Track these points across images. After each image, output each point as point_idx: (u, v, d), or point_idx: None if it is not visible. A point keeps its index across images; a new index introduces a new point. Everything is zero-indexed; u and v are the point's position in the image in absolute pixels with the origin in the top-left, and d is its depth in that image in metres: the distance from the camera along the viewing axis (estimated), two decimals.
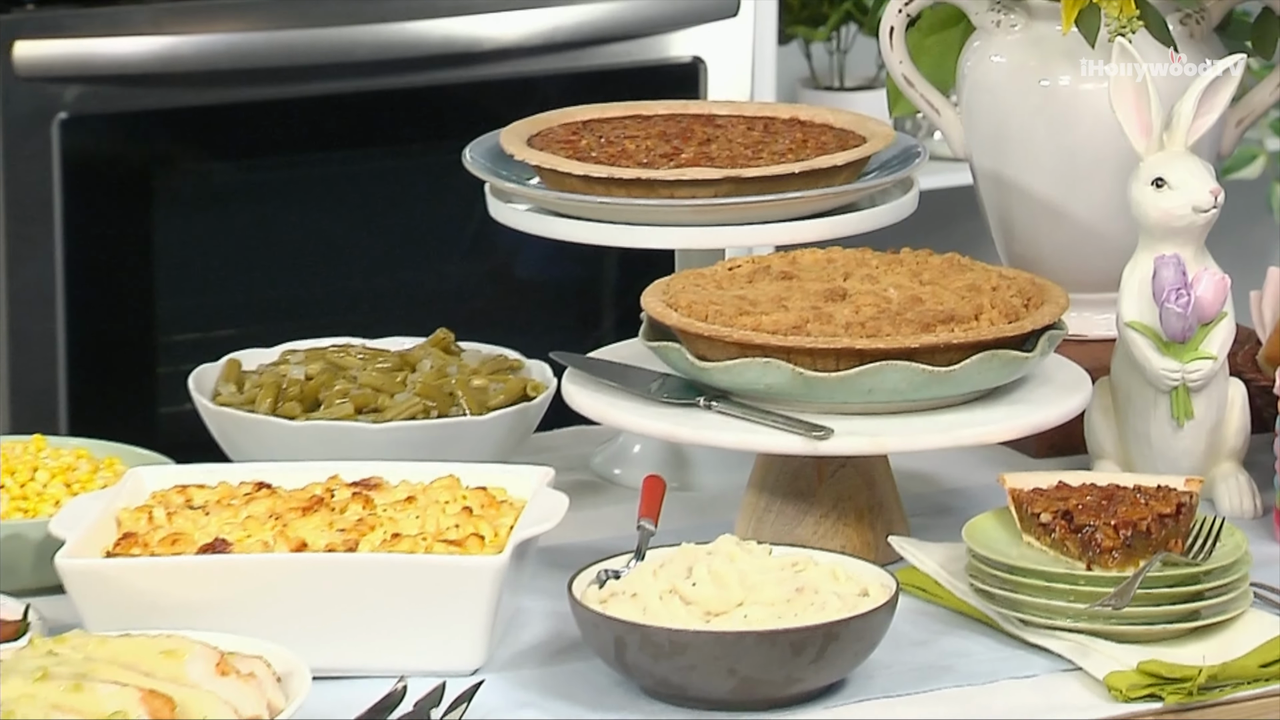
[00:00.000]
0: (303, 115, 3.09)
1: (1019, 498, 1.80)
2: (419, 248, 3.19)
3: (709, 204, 1.98)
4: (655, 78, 3.20)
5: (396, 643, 1.68)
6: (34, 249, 3.00)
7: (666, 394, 1.86)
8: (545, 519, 1.72)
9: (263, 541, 1.71)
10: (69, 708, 1.52)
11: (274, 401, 1.93)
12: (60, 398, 3.02)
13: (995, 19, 2.09)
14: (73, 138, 2.99)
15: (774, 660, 1.64)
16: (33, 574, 1.79)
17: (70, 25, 2.98)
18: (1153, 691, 1.69)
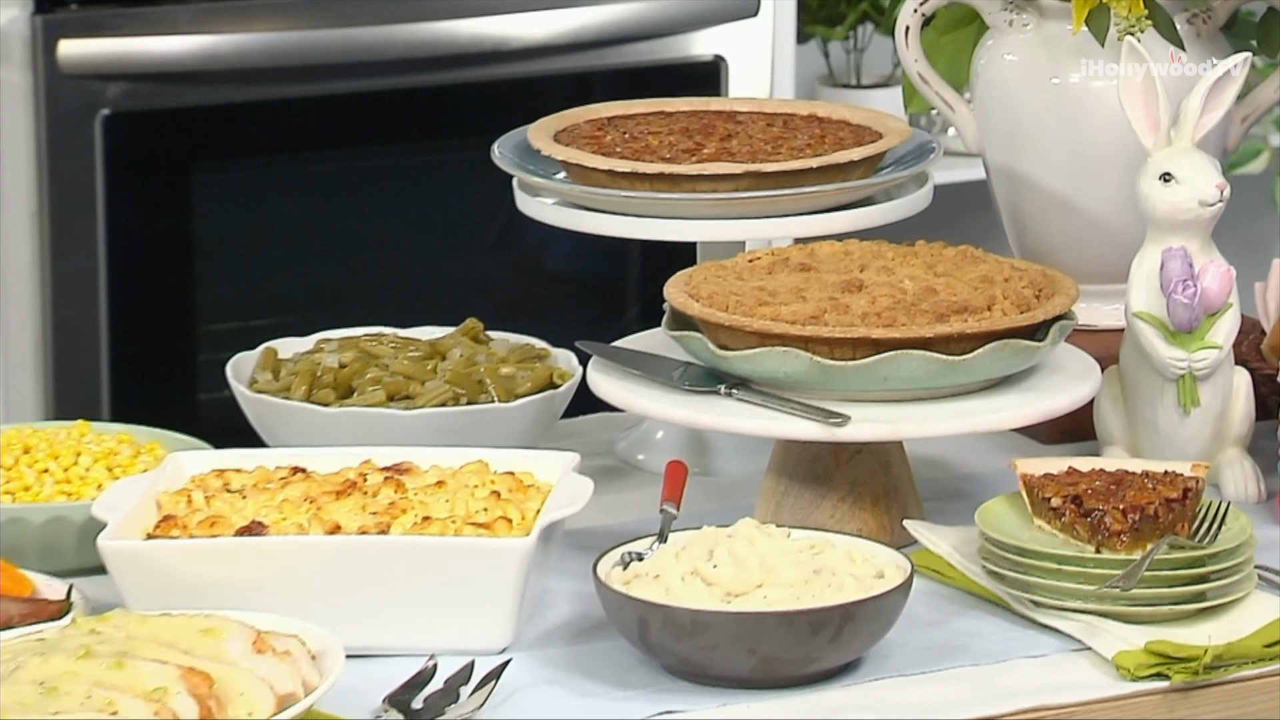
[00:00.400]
0: (337, 112, 3.09)
1: (1030, 483, 1.79)
2: (449, 240, 3.19)
3: (730, 198, 1.98)
4: (678, 75, 3.20)
5: (427, 622, 1.68)
6: (77, 241, 3.00)
7: (688, 382, 1.86)
8: (571, 502, 1.72)
9: (298, 524, 1.71)
10: (111, 684, 1.52)
11: (309, 389, 1.93)
12: (103, 384, 3.03)
13: (1008, 18, 2.09)
14: (115, 133, 2.99)
15: (793, 640, 1.64)
16: (76, 555, 1.80)
17: (112, 24, 2.98)
18: (1160, 670, 1.68)
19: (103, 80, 2.98)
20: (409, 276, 3.17)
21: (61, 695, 1.51)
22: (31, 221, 3.00)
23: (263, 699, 1.55)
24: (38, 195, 2.99)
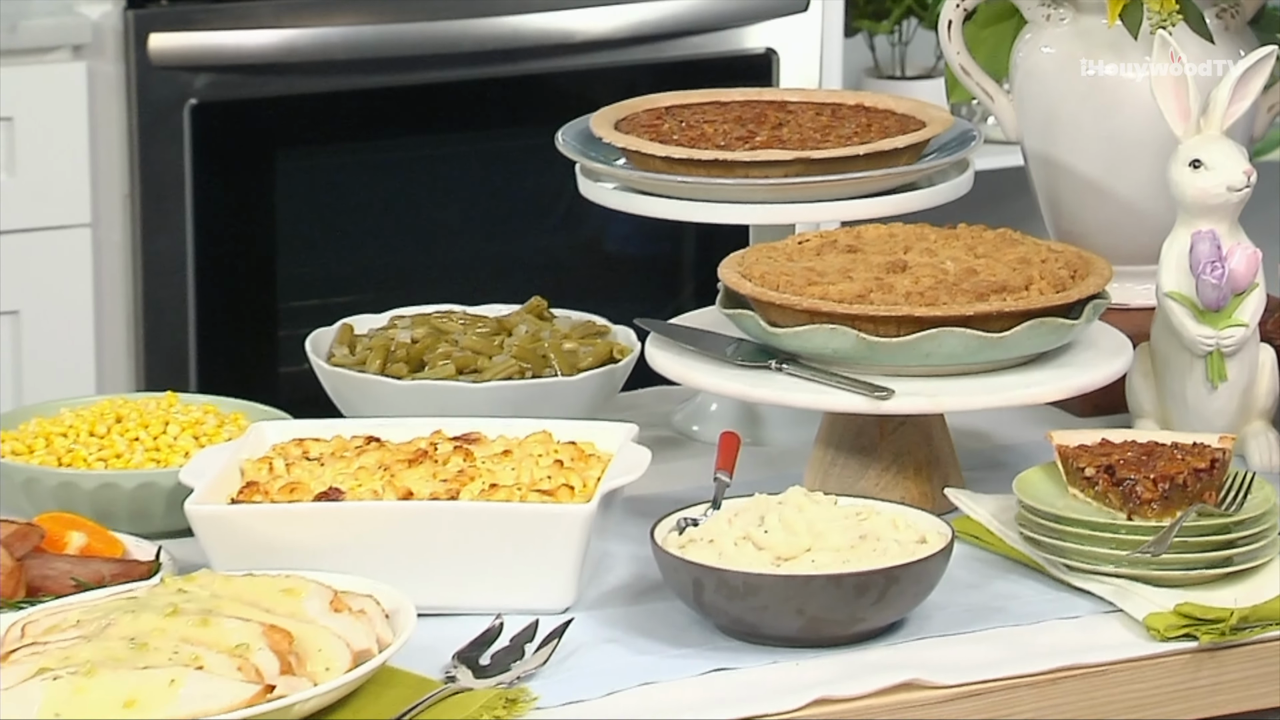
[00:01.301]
0: (411, 101, 3.09)
1: (1065, 453, 1.79)
2: (516, 223, 3.19)
3: (781, 183, 1.97)
4: (732, 67, 3.19)
5: (494, 583, 1.68)
6: (167, 223, 3.01)
7: (741, 357, 1.86)
8: (630, 471, 1.72)
9: (373, 490, 1.71)
10: (197, 640, 1.52)
11: (383, 363, 1.93)
12: (190, 358, 3.03)
13: (1045, 13, 2.08)
14: (202, 122, 3.00)
15: (839, 601, 1.63)
16: (164, 519, 1.80)
17: (200, 19, 2.99)
18: (1188, 631, 1.68)
19: (191, 72, 2.98)
20: (477, 257, 3.17)
21: (150, 650, 1.51)
22: (124, 205, 3.01)
23: (339, 655, 1.55)
24: (129, 180, 3.00)
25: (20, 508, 1.81)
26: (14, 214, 2.94)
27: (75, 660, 1.50)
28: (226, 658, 1.51)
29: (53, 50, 2.94)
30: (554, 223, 3.19)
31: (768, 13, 3.23)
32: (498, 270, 3.16)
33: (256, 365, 3.05)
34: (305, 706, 1.52)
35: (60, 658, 1.51)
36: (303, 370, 2.01)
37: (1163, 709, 1.67)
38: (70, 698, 1.48)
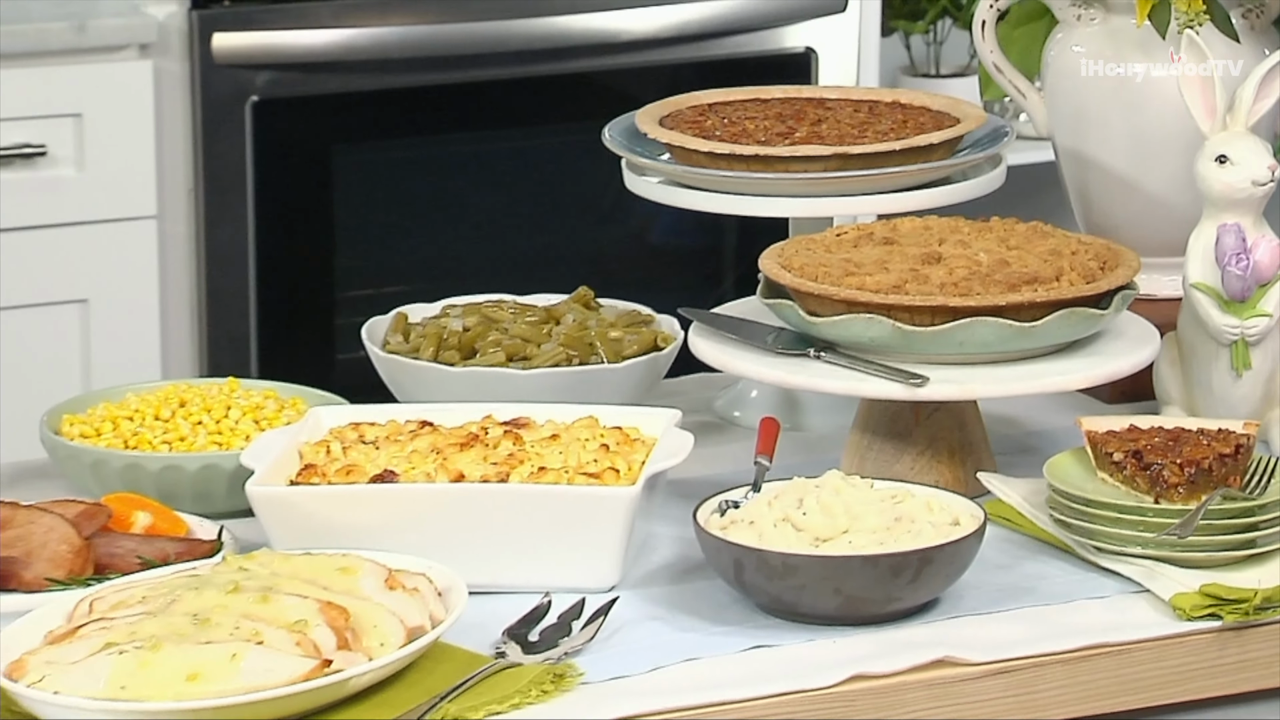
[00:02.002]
0: (463, 98, 3.09)
1: (1094, 439, 1.78)
2: (564, 216, 3.19)
3: (819, 177, 1.97)
4: (772, 66, 3.19)
5: (542, 563, 1.68)
6: (229, 215, 3.01)
7: (781, 345, 1.85)
8: (673, 455, 1.72)
9: (425, 473, 1.71)
10: (257, 616, 1.53)
11: (436, 350, 1.93)
12: (251, 345, 3.04)
13: (1076, 13, 2.07)
14: (263, 118, 3.00)
15: (875, 581, 1.63)
16: (226, 499, 1.80)
17: (261, 19, 2.99)
18: (1213, 611, 1.67)
19: (252, 70, 2.98)
20: (527, 248, 3.17)
21: (212, 626, 1.51)
22: (188, 198, 3.01)
23: (394, 631, 1.55)
24: (193, 174, 3.00)
25: (88, 488, 1.82)
26: (83, 206, 2.94)
27: (141, 635, 1.51)
28: (286, 633, 1.51)
29: (120, 49, 2.94)
30: (601, 216, 3.19)
31: (807, 13, 3.22)
32: (546, 261, 3.16)
33: (314, 352, 3.06)
34: (361, 680, 1.52)
35: (126, 633, 1.51)
36: (359, 357, 2.01)
37: (1188, 686, 1.67)
38: (136, 671, 1.48)
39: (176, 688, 1.47)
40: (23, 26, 2.89)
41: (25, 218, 2.92)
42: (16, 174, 2.91)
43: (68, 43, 2.91)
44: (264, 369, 3.01)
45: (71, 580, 1.65)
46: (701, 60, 3.16)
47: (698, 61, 3.16)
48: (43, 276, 2.93)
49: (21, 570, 1.66)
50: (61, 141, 2.92)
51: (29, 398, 2.64)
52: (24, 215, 2.92)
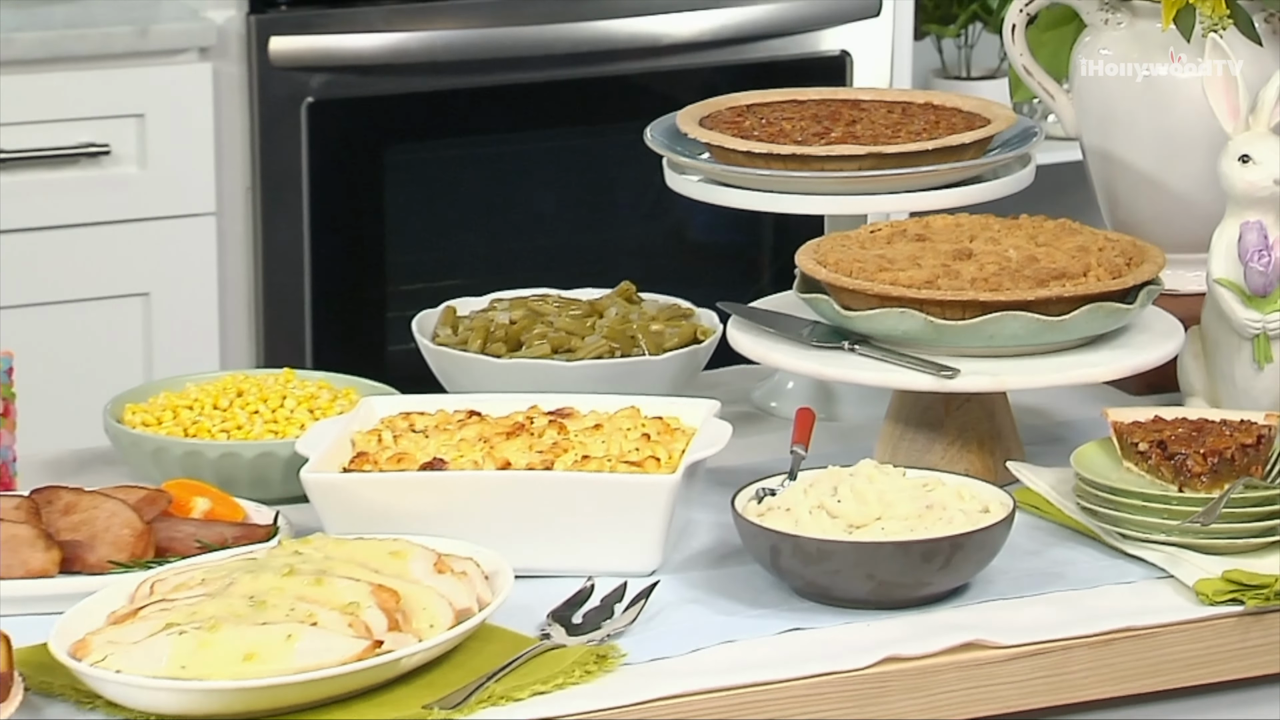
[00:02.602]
0: (511, 100, 3.09)
1: (1120, 429, 1.77)
2: (607, 213, 3.18)
3: (854, 176, 1.96)
4: (808, 68, 3.18)
5: (586, 548, 1.67)
6: (285, 212, 3.02)
7: (816, 338, 1.85)
8: (712, 444, 1.71)
9: (473, 460, 1.71)
10: (311, 599, 1.53)
11: (483, 342, 1.93)
12: (306, 337, 3.04)
13: (1104, 17, 2.06)
14: (318, 119, 3.01)
15: (907, 566, 1.63)
16: (282, 485, 1.80)
17: (316, 23, 2.99)
18: (1235, 596, 1.66)
19: (308, 72, 2.99)
20: (571, 244, 3.17)
21: (269, 607, 1.52)
22: (245, 196, 3.02)
23: (443, 613, 1.55)
24: (251, 173, 3.01)
25: (149, 475, 1.82)
26: (145, 204, 2.95)
27: (200, 616, 1.51)
28: (339, 615, 1.51)
29: (181, 52, 2.95)
30: (642, 213, 3.19)
31: (842, 17, 3.21)
32: (590, 257, 3.16)
33: (367, 344, 3.06)
34: (411, 661, 1.52)
35: (186, 614, 1.51)
36: (409, 349, 2.01)
37: (1211, 668, 1.66)
38: (195, 651, 1.48)
39: (234, 667, 1.47)
40: (88, 31, 2.90)
41: (90, 214, 2.93)
42: (82, 172, 2.92)
43: (131, 46, 2.91)
44: (318, 360, 3.02)
45: (133, 563, 1.66)
46: (740, 63, 3.16)
47: (736, 64, 3.16)
48: (106, 271, 2.94)
49: (86, 553, 1.66)
50: (125, 141, 2.93)
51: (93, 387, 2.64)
52: (89, 212, 2.93)
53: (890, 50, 3.26)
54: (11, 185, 2.89)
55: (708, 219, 3.19)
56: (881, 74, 3.25)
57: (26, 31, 2.88)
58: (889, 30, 3.25)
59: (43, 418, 2.29)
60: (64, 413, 2.61)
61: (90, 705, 1.50)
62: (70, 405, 2.66)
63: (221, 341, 3.01)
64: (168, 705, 1.48)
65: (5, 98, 2.86)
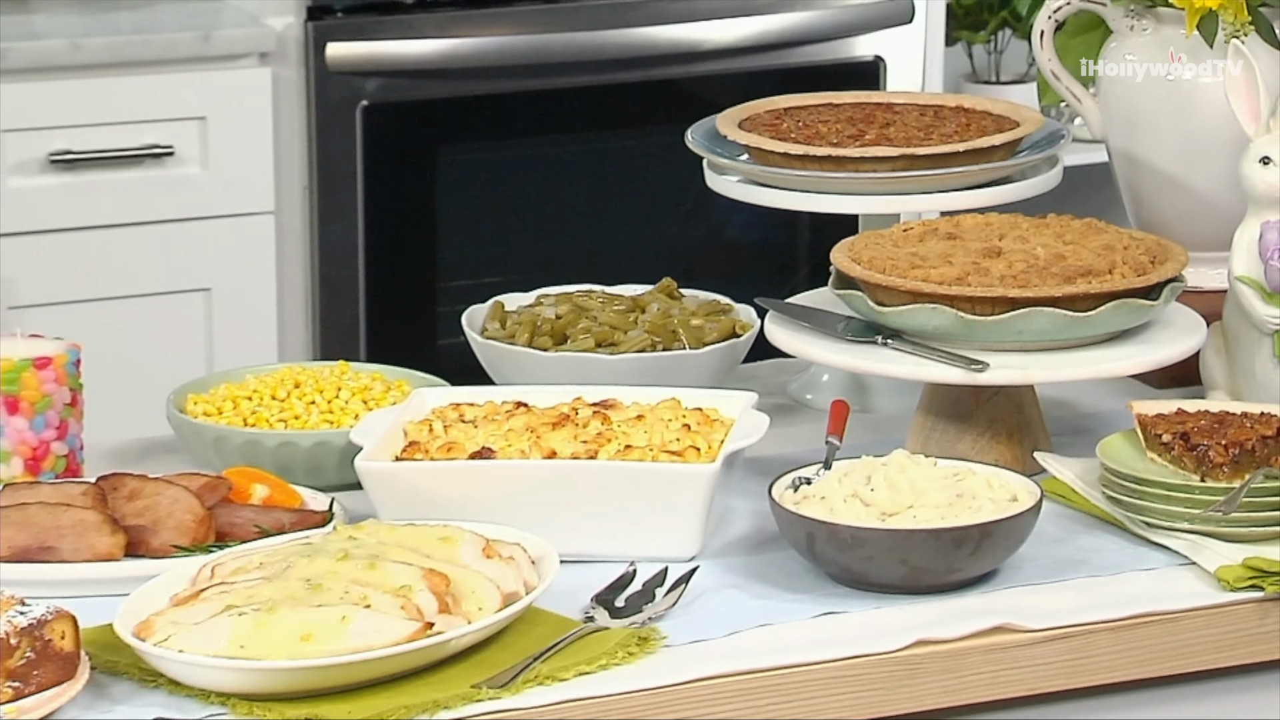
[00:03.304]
0: (558, 103, 3.09)
1: (1144, 421, 1.76)
2: (649, 212, 3.18)
3: (887, 177, 1.96)
4: (843, 73, 3.17)
5: (628, 534, 1.67)
6: (340, 211, 3.02)
7: (850, 333, 1.84)
8: (750, 434, 1.71)
9: (520, 450, 1.71)
10: (365, 582, 1.53)
11: (530, 336, 1.92)
12: (360, 331, 3.05)
13: (1129, 23, 2.05)
14: (372, 121, 3.01)
15: (938, 553, 1.62)
16: (337, 473, 1.80)
17: (371, 30, 3.00)
18: (1255, 583, 1.65)
19: (363, 77, 2.99)
20: (615, 242, 3.17)
21: (324, 590, 1.52)
22: (303, 195, 3.02)
23: (491, 596, 1.55)
24: (308, 173, 3.01)
25: (210, 463, 1.83)
26: (207, 202, 2.96)
27: (258, 598, 1.51)
28: (391, 597, 1.51)
29: (241, 57, 2.95)
30: (683, 212, 3.18)
31: (876, 24, 3.20)
32: (633, 254, 3.16)
33: (418, 338, 3.06)
34: (460, 642, 1.52)
35: (245, 596, 1.52)
36: (459, 342, 2.01)
37: (1231, 652, 1.65)
38: (253, 632, 1.48)
39: (291, 647, 1.47)
40: (153, 36, 2.91)
41: (154, 213, 2.94)
42: (147, 172, 2.93)
43: (193, 52, 2.92)
44: (372, 353, 3.02)
45: (195, 547, 1.66)
46: (778, 68, 3.15)
47: (774, 69, 3.15)
48: (169, 267, 2.95)
49: (150, 538, 1.67)
50: (188, 142, 2.94)
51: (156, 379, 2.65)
52: (153, 210, 2.93)
53: (922, 55, 3.24)
54: (80, 185, 2.89)
55: (746, 218, 3.18)
56: (914, 78, 3.24)
57: (95, 37, 2.89)
58: (921, 36, 3.24)
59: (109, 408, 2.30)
60: (129, 403, 2.62)
61: (153, 684, 1.51)
62: (135, 396, 2.67)
63: (279, 335, 3.01)
64: (227, 684, 1.48)
65: (75, 101, 2.87)
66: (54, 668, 1.48)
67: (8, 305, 2.88)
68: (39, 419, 1.77)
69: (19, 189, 2.87)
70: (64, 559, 1.64)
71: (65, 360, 1.79)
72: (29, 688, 1.47)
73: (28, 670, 1.47)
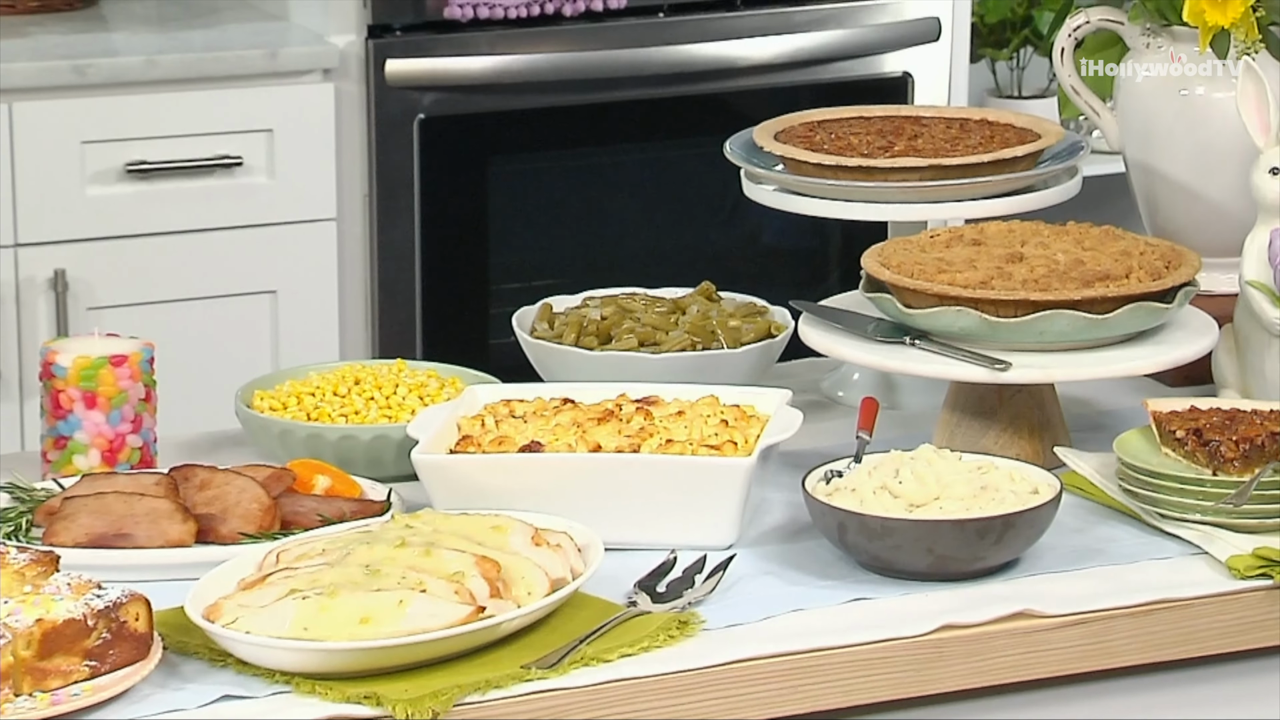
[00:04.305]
0: (604, 116, 3.09)
1: (1159, 418, 1.75)
2: (689, 219, 3.18)
3: (915, 186, 1.95)
4: (874, 88, 3.16)
5: (669, 523, 1.67)
6: (398, 217, 3.02)
7: (880, 334, 1.83)
8: (785, 430, 1.70)
9: (567, 444, 1.71)
10: (421, 568, 1.53)
11: (577, 336, 1.92)
12: (417, 331, 3.05)
13: (1145, 41, 2.04)
14: (428, 133, 3.01)
15: (963, 542, 1.61)
16: (395, 465, 1.80)
17: (428, 47, 3.00)
18: (1265, 572, 1.64)
19: (420, 91, 2.99)
20: (657, 247, 3.16)
21: (382, 575, 1.52)
22: (363, 202, 3.02)
23: (539, 582, 1.55)
24: (368, 181, 3.02)
25: (276, 455, 1.83)
26: (273, 210, 2.96)
27: (320, 583, 1.51)
28: (445, 583, 1.51)
29: (306, 73, 2.96)
30: (721, 219, 3.18)
31: (904, 42, 3.19)
32: (674, 259, 3.15)
33: (471, 337, 3.06)
34: (510, 625, 1.52)
35: (308, 581, 1.52)
36: (509, 342, 2.01)
37: (1241, 638, 1.64)
38: (316, 614, 1.48)
39: (351, 629, 1.47)
40: (224, 54, 2.92)
41: (224, 219, 2.94)
42: (217, 181, 2.93)
43: (262, 68, 2.93)
44: (427, 352, 3.02)
45: (261, 534, 1.66)
46: (811, 83, 3.14)
47: (808, 84, 3.14)
48: (238, 270, 2.96)
49: (219, 525, 1.67)
50: (255, 153, 2.94)
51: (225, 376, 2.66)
52: (223, 217, 2.94)
53: (948, 71, 3.23)
54: (155, 193, 2.90)
55: (781, 225, 3.17)
56: (940, 93, 3.23)
57: (170, 55, 2.90)
58: (947, 53, 3.22)
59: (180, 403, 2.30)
60: (199, 398, 2.63)
61: (222, 663, 1.51)
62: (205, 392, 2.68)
63: (340, 335, 3.02)
64: (291, 663, 1.48)
65: (151, 115, 2.88)
66: (129, 648, 1.48)
67: (86, 306, 2.89)
68: (115, 413, 1.78)
69: (98, 197, 2.88)
70: (138, 545, 1.64)
71: (140, 358, 1.79)
72: (105, 666, 1.47)
73: (104, 650, 1.47)
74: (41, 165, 2.84)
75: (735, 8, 3.11)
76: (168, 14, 3.10)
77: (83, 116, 2.85)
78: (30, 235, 2.86)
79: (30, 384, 2.84)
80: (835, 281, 3.19)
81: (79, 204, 2.87)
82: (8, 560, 1.52)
